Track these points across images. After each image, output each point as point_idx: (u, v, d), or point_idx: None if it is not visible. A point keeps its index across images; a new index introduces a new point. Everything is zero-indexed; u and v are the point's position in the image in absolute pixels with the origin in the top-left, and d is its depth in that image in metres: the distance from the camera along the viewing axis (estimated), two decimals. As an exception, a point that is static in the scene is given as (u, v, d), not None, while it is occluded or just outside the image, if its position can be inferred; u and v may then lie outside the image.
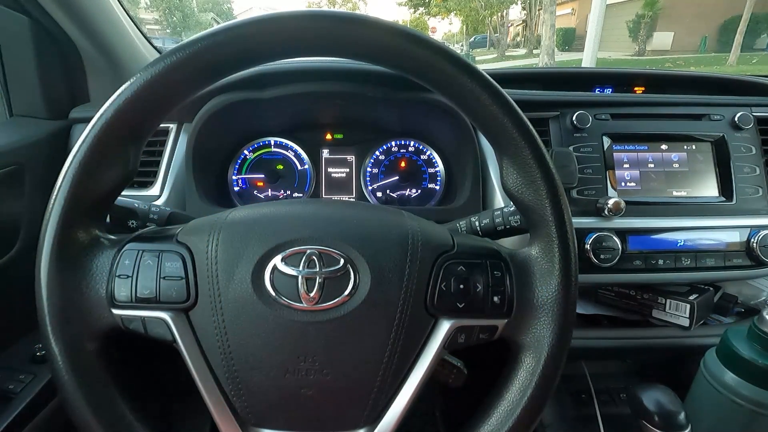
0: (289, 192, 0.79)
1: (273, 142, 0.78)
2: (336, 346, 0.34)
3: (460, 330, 0.36)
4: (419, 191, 0.79)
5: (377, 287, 0.34)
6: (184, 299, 0.34)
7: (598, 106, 0.69)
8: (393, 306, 0.35)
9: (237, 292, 0.34)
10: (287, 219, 0.37)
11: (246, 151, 0.78)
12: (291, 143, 0.78)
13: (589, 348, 0.71)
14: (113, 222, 0.48)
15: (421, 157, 0.79)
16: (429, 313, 0.36)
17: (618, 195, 0.65)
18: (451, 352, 0.37)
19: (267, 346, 0.34)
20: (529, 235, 0.39)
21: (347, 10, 0.35)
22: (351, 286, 0.34)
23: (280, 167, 0.78)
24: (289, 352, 0.34)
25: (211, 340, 0.34)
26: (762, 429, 0.52)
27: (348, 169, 0.79)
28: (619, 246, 0.62)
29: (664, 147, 0.69)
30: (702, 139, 0.69)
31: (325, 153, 0.79)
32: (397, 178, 0.79)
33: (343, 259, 0.35)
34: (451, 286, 0.36)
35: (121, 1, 0.74)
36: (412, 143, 0.79)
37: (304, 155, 0.78)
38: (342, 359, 0.34)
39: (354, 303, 0.34)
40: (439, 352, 0.36)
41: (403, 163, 0.79)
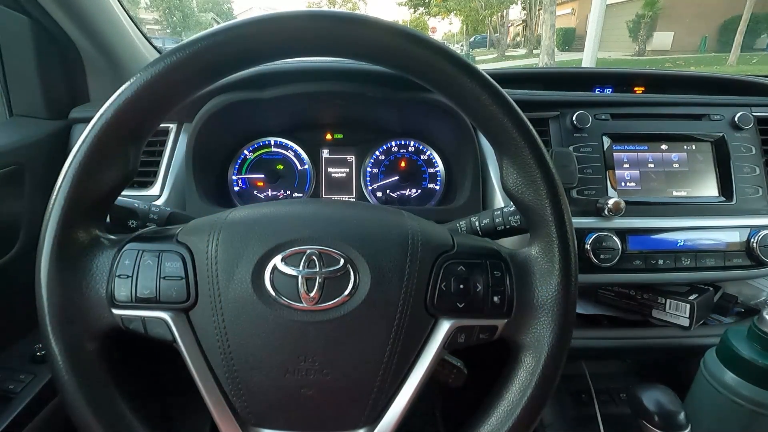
0: (289, 192, 0.79)
1: (273, 142, 0.78)
2: (336, 346, 0.34)
3: (460, 330, 0.36)
4: (419, 191, 0.79)
5: (377, 287, 0.34)
6: (184, 299, 0.34)
7: (598, 106, 0.69)
8: (393, 306, 0.35)
9: (237, 292, 0.34)
10: (287, 219, 0.37)
11: (246, 151, 0.78)
12: (291, 143, 0.78)
13: (589, 348, 0.71)
14: (113, 222, 0.48)
15: (421, 157, 0.79)
16: (429, 313, 0.36)
17: (618, 195, 0.65)
18: (451, 352, 0.37)
19: (267, 346, 0.34)
20: (529, 235, 0.39)
21: (347, 10, 0.35)
22: (351, 286, 0.34)
23: (280, 167, 0.78)
24: (289, 352, 0.34)
25: (211, 340, 0.34)
26: (762, 429, 0.52)
27: (348, 169, 0.79)
28: (619, 246, 0.62)
29: (664, 147, 0.69)
30: (702, 139, 0.69)
31: (325, 153, 0.79)
32: (397, 178, 0.79)
33: (343, 259, 0.35)
34: (451, 286, 0.36)
35: (121, 1, 0.74)
36: (412, 143, 0.79)
37: (304, 155, 0.78)
38: (342, 359, 0.34)
39: (354, 303, 0.34)
40: (439, 352, 0.36)
41: (403, 163, 0.79)
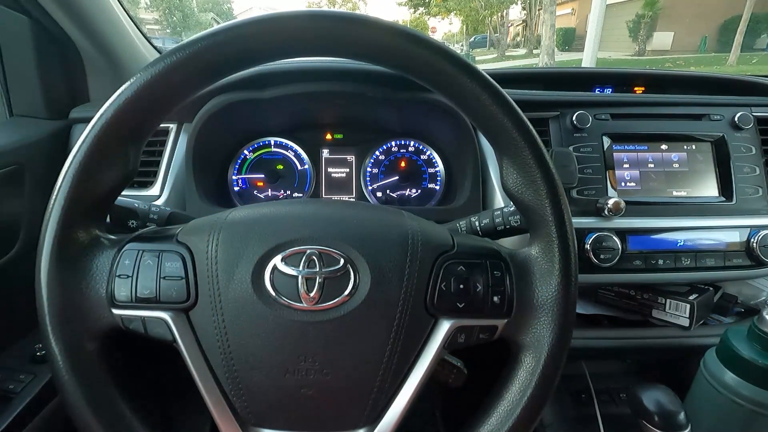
0: (289, 192, 0.79)
1: (273, 142, 0.78)
2: (336, 346, 0.34)
3: (460, 330, 0.36)
4: (419, 191, 0.79)
5: (377, 287, 0.34)
6: (184, 299, 0.34)
7: (598, 106, 0.69)
8: (393, 306, 0.35)
9: (237, 292, 0.34)
10: (287, 219, 0.37)
11: (246, 151, 0.78)
12: (291, 143, 0.78)
13: (589, 348, 0.71)
14: (113, 222, 0.48)
15: (421, 157, 0.79)
16: (429, 313, 0.36)
17: (618, 195, 0.65)
18: (451, 352, 0.37)
19: (267, 346, 0.34)
20: (529, 235, 0.39)
21: (347, 10, 0.35)
22: (351, 286, 0.34)
23: (280, 167, 0.78)
24: (289, 352, 0.34)
25: (211, 340, 0.34)
26: (762, 429, 0.52)
27: (348, 169, 0.79)
28: (619, 246, 0.62)
29: (664, 147, 0.69)
30: (702, 139, 0.69)
31: (325, 153, 0.79)
32: (397, 178, 0.79)
33: (343, 259, 0.35)
34: (451, 286, 0.35)
35: (121, 1, 0.74)
36: (412, 143, 0.79)
37: (304, 155, 0.78)
38: (342, 359, 0.34)
39: (354, 303, 0.34)
40: (439, 352, 0.36)
41: (403, 163, 0.79)
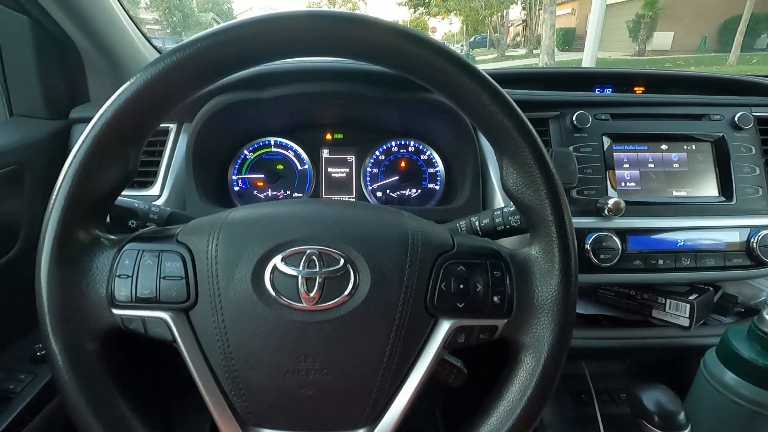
0: (289, 192, 0.79)
1: (273, 142, 0.78)
2: (336, 346, 0.34)
3: (460, 330, 0.36)
4: (419, 191, 0.79)
5: (377, 287, 0.34)
6: (184, 299, 0.34)
7: (598, 106, 0.69)
8: (393, 306, 0.35)
9: (237, 292, 0.34)
10: (287, 219, 0.37)
11: (246, 151, 0.78)
12: (291, 143, 0.78)
13: (589, 348, 0.71)
14: (113, 222, 0.48)
15: (421, 157, 0.79)
16: (429, 313, 0.36)
17: (618, 195, 0.65)
18: (451, 352, 0.37)
19: (267, 346, 0.34)
20: (529, 235, 0.39)
21: (347, 10, 0.35)
22: (351, 286, 0.34)
23: (280, 167, 0.78)
24: (289, 352, 0.34)
25: (211, 340, 0.34)
26: (762, 429, 0.52)
27: (348, 169, 0.79)
28: (619, 246, 0.62)
29: (664, 147, 0.69)
30: (702, 139, 0.69)
31: (325, 153, 0.79)
32: (397, 178, 0.79)
33: (343, 259, 0.35)
34: (451, 286, 0.35)
35: (121, 1, 0.74)
36: (412, 143, 0.79)
37: (304, 155, 0.78)
38: (342, 359, 0.34)
39: (354, 303, 0.34)
40: (439, 352, 0.36)
41: (403, 163, 0.79)
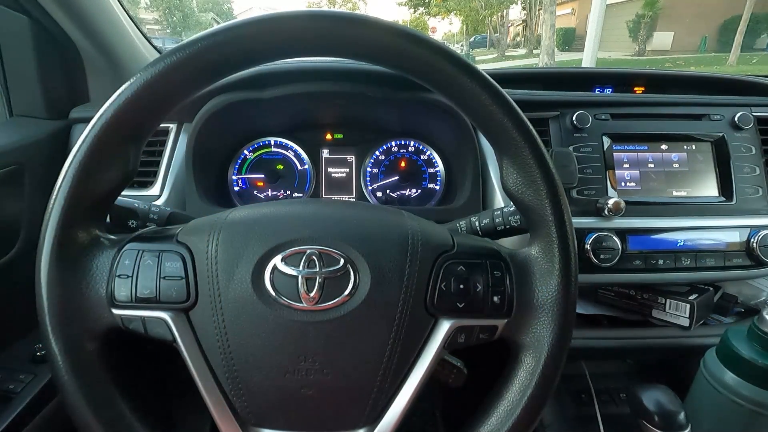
0: (289, 192, 0.79)
1: (273, 142, 0.78)
2: (336, 346, 0.34)
3: (460, 330, 0.36)
4: (419, 191, 0.79)
5: (377, 287, 0.34)
6: (184, 299, 0.34)
7: (598, 106, 0.69)
8: (393, 306, 0.35)
9: (237, 292, 0.34)
10: (287, 219, 0.37)
11: (246, 151, 0.78)
12: (291, 143, 0.78)
13: (589, 348, 0.71)
14: (113, 222, 0.48)
15: (421, 157, 0.79)
16: (429, 313, 0.36)
17: (618, 195, 0.65)
18: (451, 352, 0.37)
19: (267, 346, 0.34)
20: (529, 235, 0.39)
21: (347, 10, 0.35)
22: (351, 286, 0.34)
23: (280, 167, 0.78)
24: (289, 352, 0.34)
25: (211, 340, 0.34)
26: (762, 429, 0.52)
27: (348, 169, 0.79)
28: (619, 246, 0.62)
29: (664, 147, 0.69)
30: (702, 139, 0.69)
31: (325, 153, 0.79)
32: (397, 178, 0.79)
33: (343, 259, 0.35)
34: (451, 286, 0.35)
35: (121, 1, 0.74)
36: (412, 143, 0.79)
37: (304, 155, 0.78)
38: (342, 359, 0.34)
39: (354, 303, 0.34)
40: (439, 352, 0.36)
41: (403, 163, 0.79)
